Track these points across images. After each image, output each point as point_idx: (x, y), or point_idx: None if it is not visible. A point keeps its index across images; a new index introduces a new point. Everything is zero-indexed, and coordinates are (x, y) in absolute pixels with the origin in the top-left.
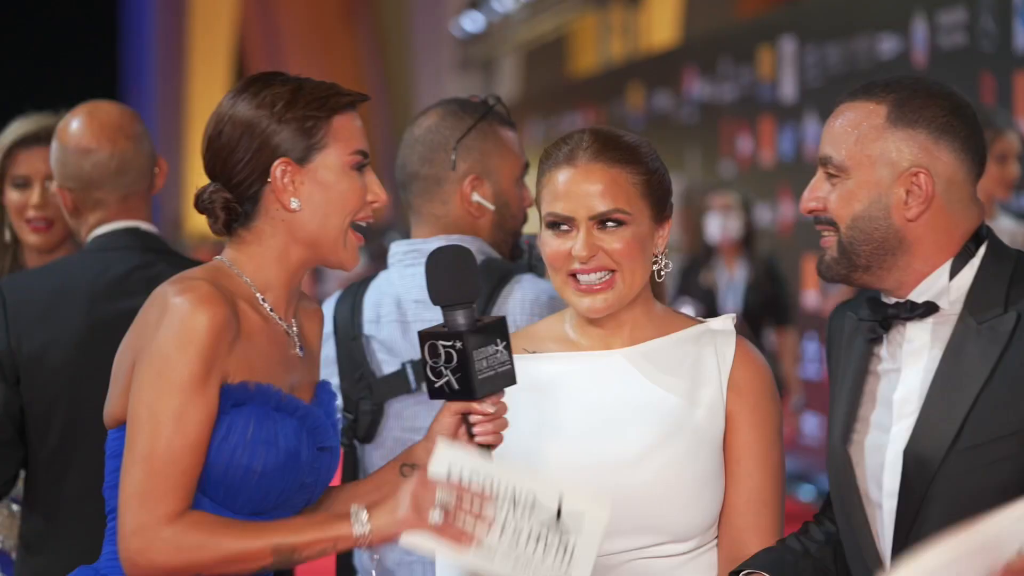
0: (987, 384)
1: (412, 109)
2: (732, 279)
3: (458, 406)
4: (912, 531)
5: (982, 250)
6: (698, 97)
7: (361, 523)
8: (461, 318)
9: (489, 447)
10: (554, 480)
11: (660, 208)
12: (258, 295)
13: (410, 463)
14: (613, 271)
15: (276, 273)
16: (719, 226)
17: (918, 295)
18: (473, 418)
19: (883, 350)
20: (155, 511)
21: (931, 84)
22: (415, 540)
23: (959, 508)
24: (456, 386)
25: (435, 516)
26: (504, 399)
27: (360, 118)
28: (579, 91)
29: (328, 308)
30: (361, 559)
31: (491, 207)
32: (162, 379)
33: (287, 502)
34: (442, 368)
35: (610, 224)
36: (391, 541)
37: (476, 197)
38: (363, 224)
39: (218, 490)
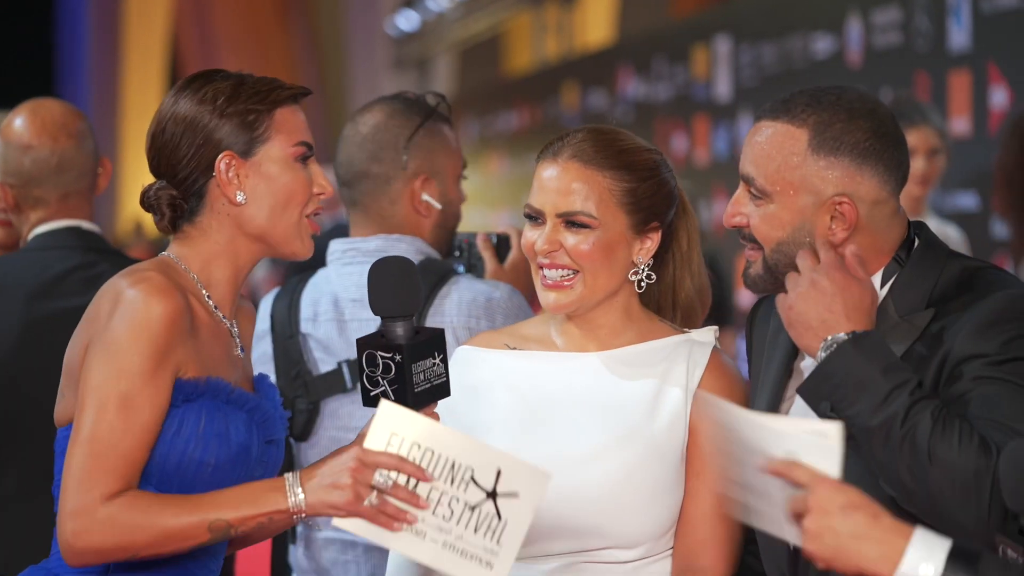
0: None
1: (347, 108)
2: None
3: None
4: None
5: (915, 251)
6: (633, 96)
7: (296, 496)
8: (400, 329)
9: None
10: (495, 455)
11: (643, 219)
12: (204, 292)
13: None
14: (577, 271)
15: (223, 268)
16: None
17: None
18: None
19: None
20: (92, 492)
21: (853, 102)
22: (347, 524)
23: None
24: (392, 397)
25: (372, 499)
26: (480, 390)
27: (303, 112)
28: (514, 90)
29: (265, 305)
30: (296, 556)
31: (438, 206)
32: (112, 366)
33: None
34: (379, 378)
35: (575, 225)
36: (324, 516)
37: (425, 196)
38: (317, 214)
39: (172, 485)
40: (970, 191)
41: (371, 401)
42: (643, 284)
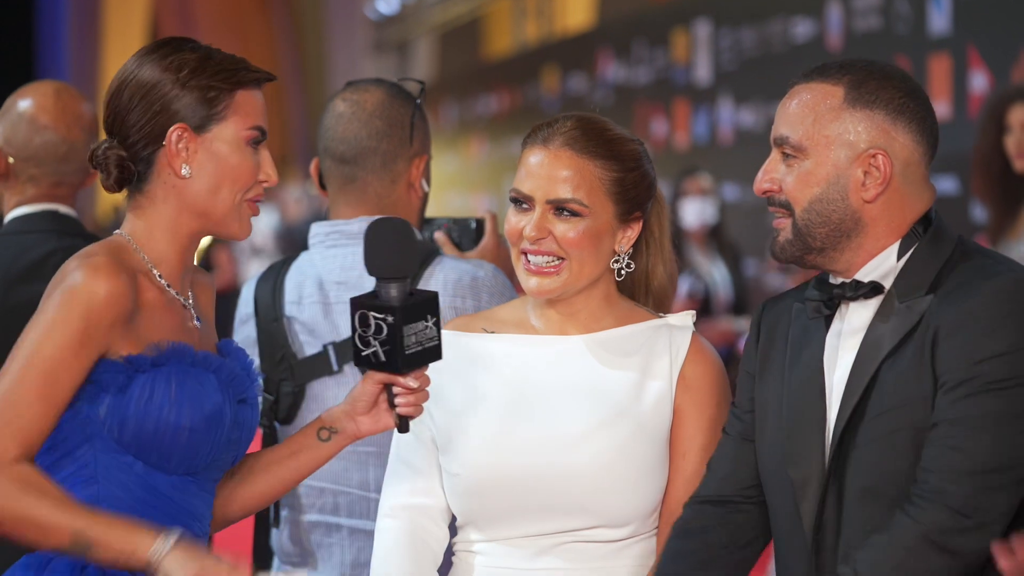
0: (889, 356)
1: (327, 91)
2: (711, 272)
3: (382, 376)
4: (827, 502)
5: (928, 234)
6: (613, 80)
7: (158, 552)
8: (394, 291)
9: (407, 418)
10: None
11: (628, 209)
12: (153, 270)
13: (327, 427)
14: (562, 258)
15: (168, 245)
16: (697, 213)
17: (864, 275)
18: (396, 390)
19: (824, 331)
20: None
21: (884, 66)
22: None
23: (866, 478)
24: (383, 358)
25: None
26: (461, 374)
27: (264, 97)
28: (494, 74)
29: (248, 289)
30: (280, 540)
31: (427, 189)
32: (42, 336)
33: (217, 460)
34: (370, 338)
35: (565, 212)
36: None
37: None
38: (258, 201)
39: (151, 452)
40: (950, 175)
41: (362, 361)
42: (623, 272)
